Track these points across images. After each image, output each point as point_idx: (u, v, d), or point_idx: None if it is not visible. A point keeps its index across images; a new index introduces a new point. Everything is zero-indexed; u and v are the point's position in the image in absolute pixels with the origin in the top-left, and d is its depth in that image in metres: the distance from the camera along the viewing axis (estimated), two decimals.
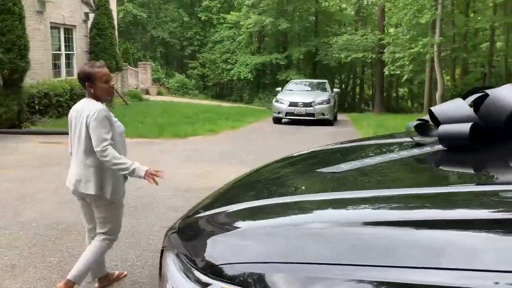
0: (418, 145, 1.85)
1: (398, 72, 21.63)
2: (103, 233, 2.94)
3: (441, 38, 19.01)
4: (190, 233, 1.45)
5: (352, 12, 35.85)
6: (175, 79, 31.24)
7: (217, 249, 1.17)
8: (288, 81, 27.42)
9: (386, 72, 23.33)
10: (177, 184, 6.01)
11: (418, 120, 2.09)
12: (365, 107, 36.80)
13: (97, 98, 2.81)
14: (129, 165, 2.73)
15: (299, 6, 30.95)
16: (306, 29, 32.47)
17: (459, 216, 1.04)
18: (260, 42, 32.82)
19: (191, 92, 30.66)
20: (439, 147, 1.73)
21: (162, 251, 1.51)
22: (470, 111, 1.74)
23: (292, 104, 13.59)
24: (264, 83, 31.92)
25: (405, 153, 1.73)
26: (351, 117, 18.21)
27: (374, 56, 25.91)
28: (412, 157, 1.67)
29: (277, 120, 13.99)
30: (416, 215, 1.08)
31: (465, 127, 1.59)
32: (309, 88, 15.46)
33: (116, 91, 17.26)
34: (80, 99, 2.97)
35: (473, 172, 1.51)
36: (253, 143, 9.84)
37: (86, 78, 2.76)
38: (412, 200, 1.19)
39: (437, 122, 1.94)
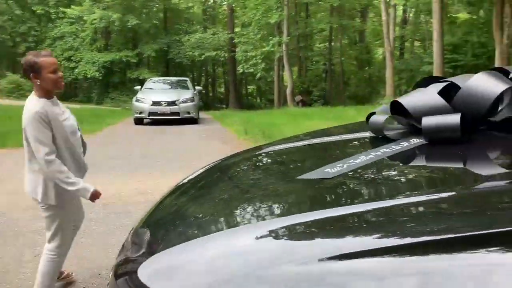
0: (389, 139, 1.72)
1: (251, 70, 22.46)
2: (51, 243, 2.70)
3: (289, 37, 20.30)
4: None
5: (200, 10, 36.15)
6: (7, 79, 27.42)
7: None
8: (141, 79, 26.40)
9: (241, 70, 24.06)
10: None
11: (371, 113, 1.99)
12: (219, 105, 37.49)
13: (44, 91, 2.54)
14: (74, 182, 2.52)
15: (147, 2, 29.97)
16: (156, 26, 31.62)
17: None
18: (107, 38, 30.90)
19: (29, 94, 27.30)
20: (416, 141, 1.61)
21: None
22: (443, 102, 1.66)
23: (155, 103, 12.97)
24: (114, 82, 30.18)
25: (386, 150, 1.57)
26: (212, 114, 18.23)
27: (226, 55, 26.51)
28: (398, 155, 1.52)
29: (139, 121, 13.22)
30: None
31: (455, 118, 1.50)
32: (170, 86, 14.99)
33: None
34: None
35: (479, 170, 1.41)
36: (118, 147, 9.05)
37: (30, 69, 2.50)
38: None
39: (402, 114, 1.84)
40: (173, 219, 1.41)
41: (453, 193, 1.13)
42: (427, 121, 1.56)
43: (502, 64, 12.84)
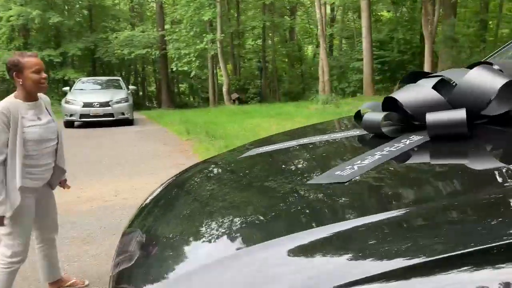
0: (385, 137, 1.67)
1: (186, 68, 22.02)
2: (3, 250, 2.54)
3: (223, 35, 20.14)
4: None
5: (126, 7, 34.87)
6: None
7: None
8: (66, 80, 24.98)
9: (174, 69, 23.53)
10: None
11: (358, 111, 1.95)
12: (150, 104, 36.42)
13: (26, 92, 2.53)
14: None
15: None
16: (80, 24, 30.03)
17: None
18: (26, 37, 28.83)
19: None
20: (418, 137, 1.57)
21: None
22: (441, 97, 1.64)
23: (87, 104, 12.27)
24: None
25: (392, 149, 1.50)
26: (145, 114, 17.60)
27: (157, 53, 25.79)
28: (407, 154, 1.46)
29: (70, 124, 12.46)
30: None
31: (461, 114, 1.47)
32: (102, 87, 14.26)
33: None
34: None
35: (496, 165, 1.37)
36: None
37: (13, 67, 2.51)
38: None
39: (393, 110, 1.81)
40: (182, 237, 1.25)
41: (487, 193, 1.08)
42: (431, 117, 1.52)
43: (430, 59, 13.65)
